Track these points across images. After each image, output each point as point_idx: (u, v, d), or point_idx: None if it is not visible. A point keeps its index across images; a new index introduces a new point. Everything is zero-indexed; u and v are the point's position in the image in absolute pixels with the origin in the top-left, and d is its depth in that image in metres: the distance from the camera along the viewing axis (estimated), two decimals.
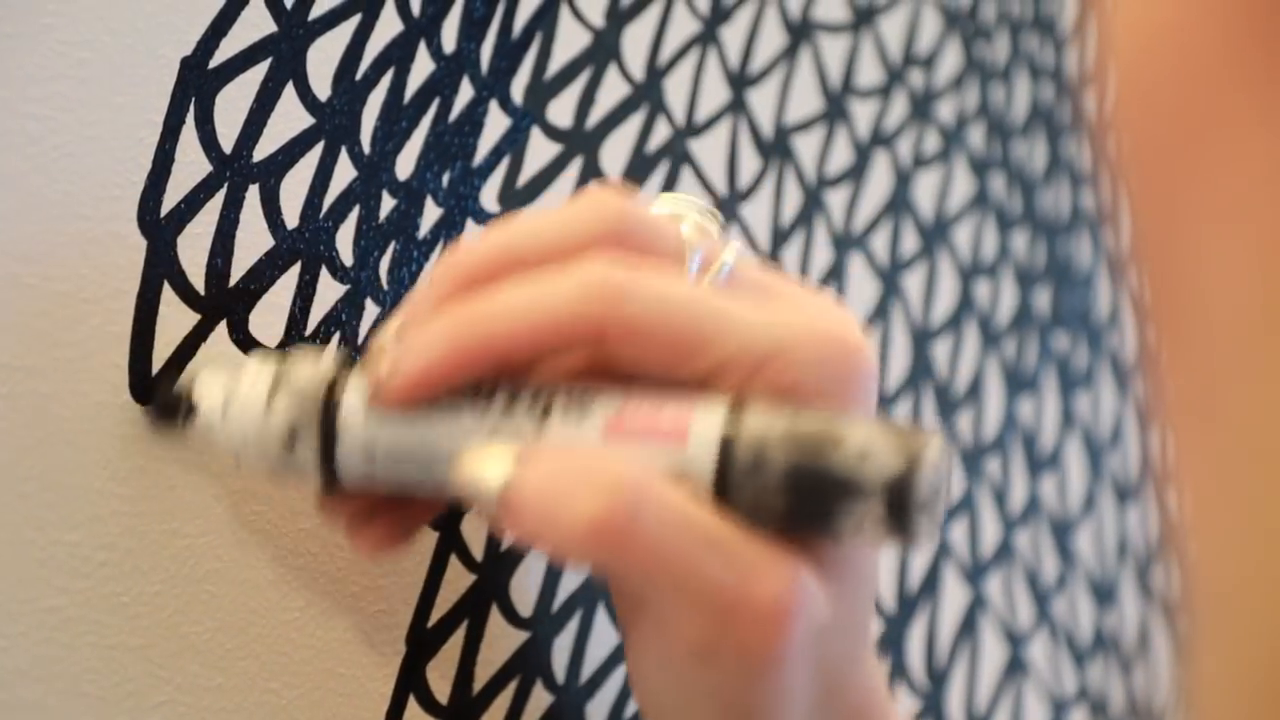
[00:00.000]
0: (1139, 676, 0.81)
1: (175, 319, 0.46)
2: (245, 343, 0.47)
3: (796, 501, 0.43)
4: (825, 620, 0.44)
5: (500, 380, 0.44)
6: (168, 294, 0.46)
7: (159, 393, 0.46)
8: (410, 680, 0.51)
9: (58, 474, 0.44)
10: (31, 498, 0.43)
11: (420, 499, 0.46)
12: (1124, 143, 0.32)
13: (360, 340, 0.50)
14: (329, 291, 0.50)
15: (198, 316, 0.46)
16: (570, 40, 0.56)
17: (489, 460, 0.43)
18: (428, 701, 0.51)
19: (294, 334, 0.49)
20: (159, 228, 0.46)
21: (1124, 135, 0.32)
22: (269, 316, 0.48)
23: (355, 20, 0.50)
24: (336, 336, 0.50)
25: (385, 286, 0.51)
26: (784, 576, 0.43)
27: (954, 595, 0.71)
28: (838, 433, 0.43)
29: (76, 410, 0.44)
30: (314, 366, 0.45)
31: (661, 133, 0.59)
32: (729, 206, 0.62)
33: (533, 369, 0.45)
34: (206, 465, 0.47)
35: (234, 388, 0.45)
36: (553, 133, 0.56)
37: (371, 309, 0.50)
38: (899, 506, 0.42)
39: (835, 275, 0.66)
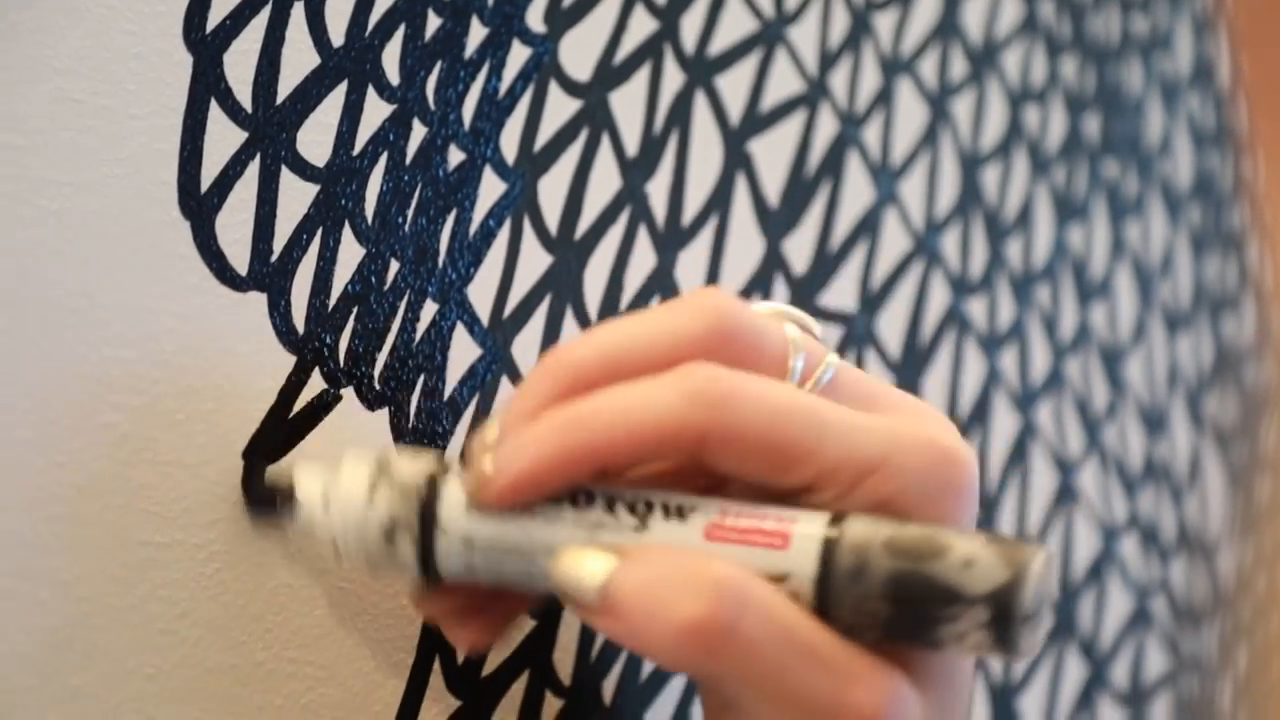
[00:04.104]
0: (1190, 505, 0.81)
1: (223, 136, 0.46)
2: (295, 164, 0.47)
3: (898, 609, 0.43)
4: None
5: (599, 482, 0.44)
6: (215, 111, 0.46)
7: (256, 485, 0.46)
8: None
9: (109, 291, 0.44)
10: (84, 314, 0.43)
11: (518, 593, 0.46)
12: None
13: (407, 160, 0.50)
14: (375, 111, 0.49)
15: (245, 134, 0.46)
16: None
17: (589, 558, 0.43)
18: None
19: (341, 153, 0.48)
20: (204, 44, 0.45)
21: None
22: (316, 135, 0.48)
23: None
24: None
25: (432, 106, 0.50)
26: (882, 687, 0.43)
27: (1004, 423, 0.71)
28: (942, 541, 0.43)
29: (127, 227, 0.44)
30: (414, 461, 0.45)
31: None
32: (775, 29, 0.61)
33: (631, 471, 0.45)
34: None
35: (333, 480, 0.45)
36: None
37: (419, 129, 0.50)
38: (1003, 617, 0.42)
39: (884, 100, 0.66)
